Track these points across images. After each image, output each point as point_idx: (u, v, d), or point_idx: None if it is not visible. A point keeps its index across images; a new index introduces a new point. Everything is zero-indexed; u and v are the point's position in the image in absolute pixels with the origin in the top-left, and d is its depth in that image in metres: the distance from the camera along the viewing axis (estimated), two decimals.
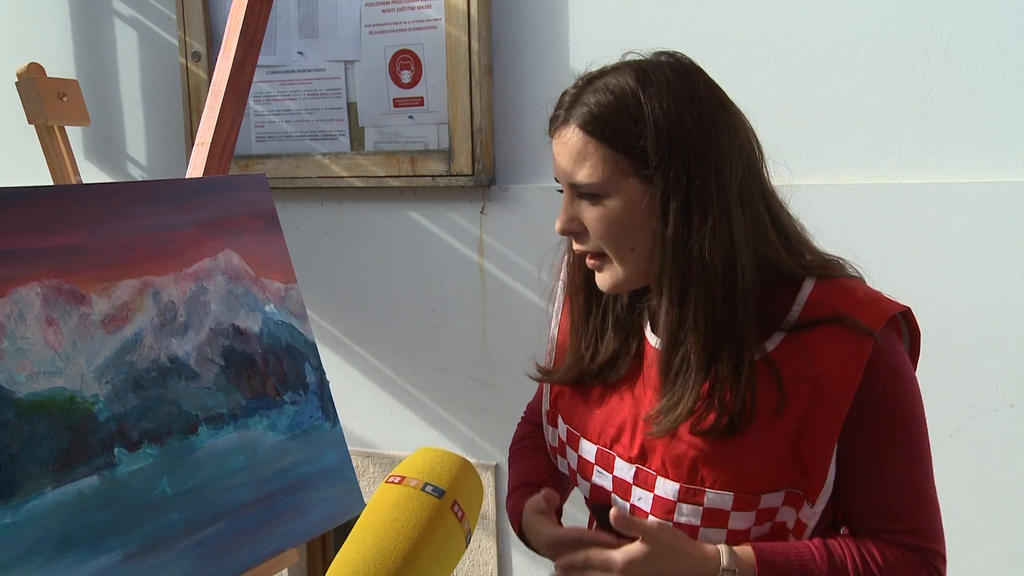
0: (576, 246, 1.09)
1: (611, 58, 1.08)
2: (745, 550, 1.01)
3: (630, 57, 1.07)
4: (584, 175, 1.03)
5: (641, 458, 1.09)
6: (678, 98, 1.01)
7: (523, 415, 1.38)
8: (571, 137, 1.03)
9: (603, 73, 1.05)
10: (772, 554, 1.01)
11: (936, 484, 1.07)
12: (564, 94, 1.07)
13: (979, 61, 1.67)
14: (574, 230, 1.07)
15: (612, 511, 0.99)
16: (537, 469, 1.26)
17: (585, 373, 1.16)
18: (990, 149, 1.69)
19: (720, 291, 1.00)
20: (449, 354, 2.20)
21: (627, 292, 1.13)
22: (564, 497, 1.28)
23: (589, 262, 1.09)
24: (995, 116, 1.67)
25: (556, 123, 1.06)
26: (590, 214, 1.04)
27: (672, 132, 1.00)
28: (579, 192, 1.05)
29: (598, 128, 1.01)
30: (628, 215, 1.02)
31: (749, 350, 1.01)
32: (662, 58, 1.05)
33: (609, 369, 1.14)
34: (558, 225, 1.07)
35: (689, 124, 1.00)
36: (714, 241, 1.00)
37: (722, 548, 1.01)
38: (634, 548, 1.01)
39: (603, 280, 1.09)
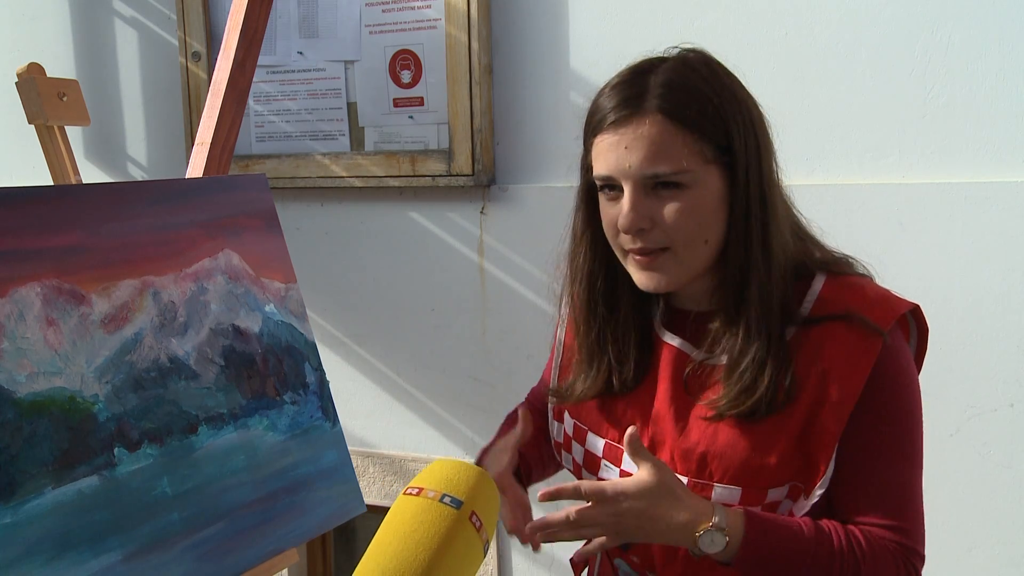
0: (635, 244, 1.03)
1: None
2: (736, 511, 0.99)
3: (666, 52, 1.06)
4: (669, 165, 0.99)
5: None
6: (739, 86, 1.04)
7: (526, 398, 1.36)
8: (650, 128, 0.99)
9: (655, 65, 1.03)
10: (762, 519, 0.99)
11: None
12: (615, 88, 1.03)
13: (979, 61, 1.67)
14: (644, 227, 1.02)
15: (629, 431, 0.97)
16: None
17: (606, 389, 1.14)
18: (990, 149, 1.68)
19: (787, 274, 1.03)
20: (449, 354, 2.20)
21: (634, 301, 1.13)
22: (538, 469, 1.27)
23: (642, 259, 1.04)
24: (995, 116, 1.67)
25: (620, 116, 1.00)
26: (668, 207, 1.00)
27: (746, 118, 1.01)
28: (655, 184, 1.00)
29: (684, 115, 0.98)
30: (710, 204, 1.01)
31: (786, 333, 1.03)
32: (690, 54, 1.05)
33: (631, 382, 1.13)
34: (624, 222, 1.01)
35: (754, 110, 1.03)
36: (785, 224, 1.04)
37: (716, 505, 0.99)
38: (628, 481, 0.97)
39: (655, 279, 1.04)
